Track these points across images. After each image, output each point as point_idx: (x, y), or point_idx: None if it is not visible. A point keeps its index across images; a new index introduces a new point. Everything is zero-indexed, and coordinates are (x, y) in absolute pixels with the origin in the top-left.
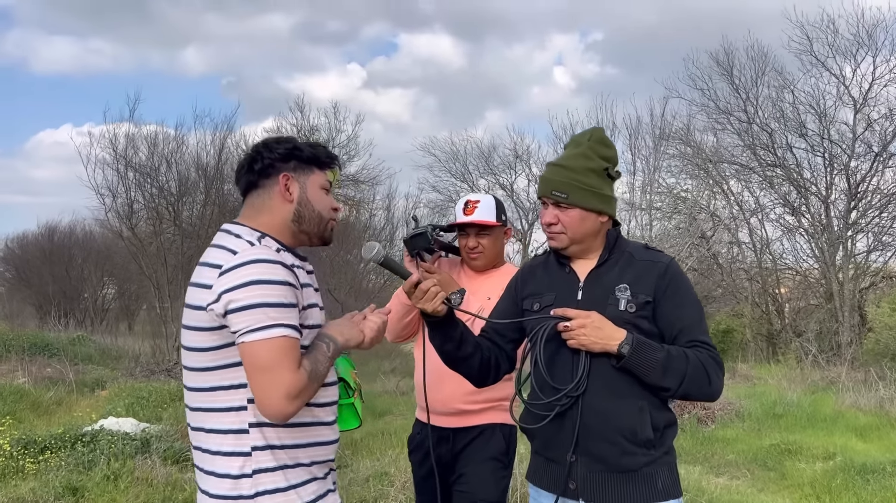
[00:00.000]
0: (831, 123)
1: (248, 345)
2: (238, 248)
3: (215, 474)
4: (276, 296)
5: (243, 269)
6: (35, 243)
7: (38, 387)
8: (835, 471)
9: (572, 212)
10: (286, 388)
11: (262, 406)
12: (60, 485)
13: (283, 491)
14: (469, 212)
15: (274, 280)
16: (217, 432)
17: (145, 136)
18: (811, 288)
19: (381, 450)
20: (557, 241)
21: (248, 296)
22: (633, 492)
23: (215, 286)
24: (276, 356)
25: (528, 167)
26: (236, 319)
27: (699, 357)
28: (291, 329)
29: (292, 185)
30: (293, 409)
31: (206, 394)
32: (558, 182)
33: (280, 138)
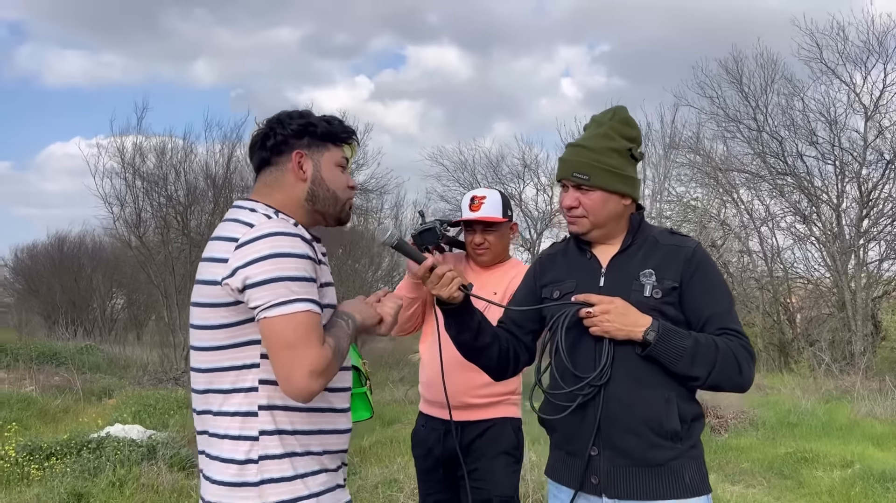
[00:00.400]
0: (842, 131)
1: (270, 321)
2: (255, 220)
3: (220, 458)
4: (298, 269)
5: (262, 242)
6: (45, 253)
7: (45, 396)
8: (853, 478)
9: (594, 194)
10: (311, 365)
11: (285, 384)
12: (65, 492)
13: (290, 480)
14: (475, 208)
15: (294, 253)
16: (224, 415)
17: (154, 146)
18: (823, 297)
19: (389, 457)
20: (578, 225)
21: (268, 270)
22: (660, 488)
23: (231, 260)
24: (300, 332)
25: (537, 176)
26: (256, 294)
27: (729, 345)
28: (314, 304)
29: (306, 162)
30: (318, 387)
31: (216, 375)
32: (579, 163)
33: (294, 112)
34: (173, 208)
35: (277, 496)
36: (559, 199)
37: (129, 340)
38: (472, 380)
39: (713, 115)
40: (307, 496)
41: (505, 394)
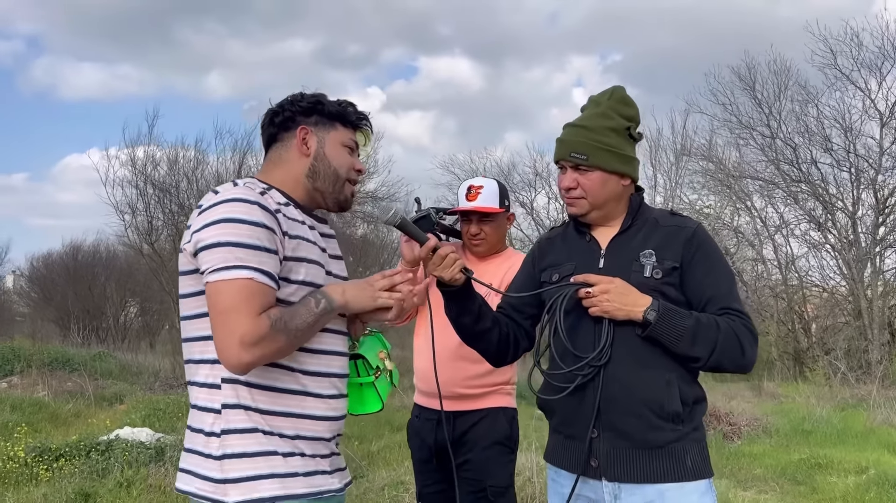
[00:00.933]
0: (857, 137)
1: (211, 286)
2: (221, 189)
3: (191, 428)
4: (247, 236)
5: (218, 208)
6: (59, 262)
7: (57, 400)
8: (868, 484)
9: (593, 174)
10: (241, 333)
11: (219, 352)
12: (73, 492)
13: (251, 456)
14: (472, 198)
15: (246, 220)
16: (195, 384)
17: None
18: (839, 305)
19: (397, 461)
20: (577, 206)
21: (215, 234)
22: (661, 470)
23: (192, 226)
24: (236, 298)
25: (548, 185)
26: (204, 258)
27: (731, 325)
28: (260, 273)
29: (310, 138)
30: (250, 358)
31: (187, 344)
32: (577, 143)
33: (307, 94)
34: (185, 216)
35: (238, 472)
36: (557, 180)
37: (141, 348)
38: (464, 371)
39: (726, 121)
40: (269, 475)
41: (498, 384)
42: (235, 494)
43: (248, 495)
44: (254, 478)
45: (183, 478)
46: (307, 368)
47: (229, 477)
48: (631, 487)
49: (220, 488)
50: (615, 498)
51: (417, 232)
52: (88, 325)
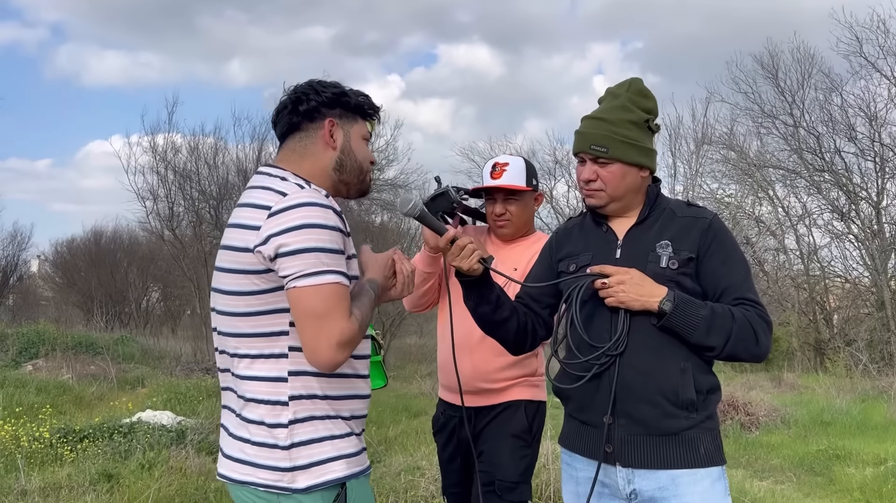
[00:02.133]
0: (882, 126)
1: (300, 291)
2: (287, 190)
3: (249, 420)
4: (329, 241)
5: (295, 212)
6: (82, 247)
7: (81, 383)
8: (886, 476)
9: (612, 167)
10: (339, 336)
11: (311, 354)
12: (96, 472)
13: (319, 441)
14: (497, 175)
15: (327, 225)
16: (252, 379)
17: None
18: (861, 296)
19: (414, 446)
20: (596, 198)
21: (300, 240)
22: (674, 457)
23: (263, 228)
24: (328, 303)
25: (569, 173)
26: (287, 263)
27: (746, 315)
28: (342, 276)
29: (337, 132)
30: (343, 358)
31: (244, 340)
32: (597, 135)
33: (326, 82)
34: (206, 202)
35: (308, 458)
36: (576, 172)
37: (163, 333)
38: (484, 365)
39: (748, 110)
40: (337, 457)
41: (522, 376)
42: (304, 480)
43: (318, 479)
44: (322, 463)
45: (237, 467)
46: (357, 352)
47: (298, 464)
48: (644, 473)
49: (289, 476)
50: (629, 483)
51: (436, 223)
52: (111, 310)
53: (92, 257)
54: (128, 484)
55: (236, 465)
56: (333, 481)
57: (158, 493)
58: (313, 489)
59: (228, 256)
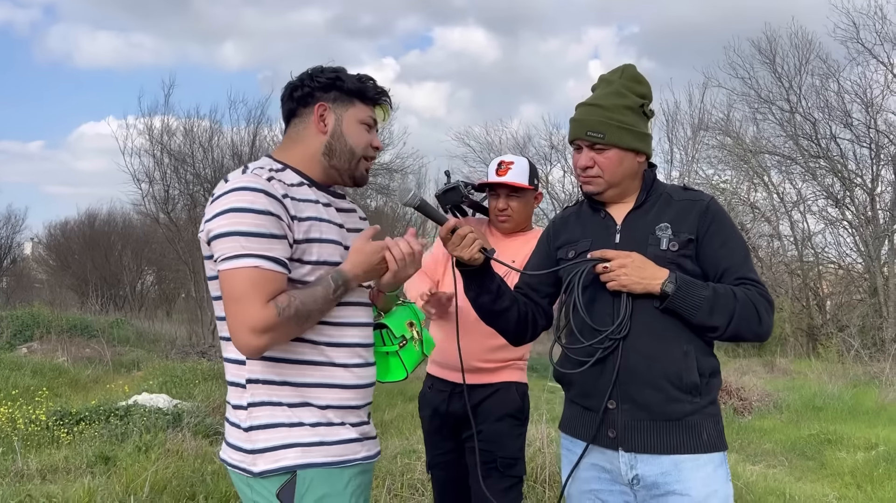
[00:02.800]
0: (878, 113)
1: (222, 274)
2: (231, 176)
3: (228, 402)
4: (252, 224)
5: (225, 198)
6: (76, 230)
7: (76, 366)
8: (877, 460)
9: (609, 153)
10: (251, 322)
11: (231, 337)
12: (93, 454)
13: (275, 427)
14: (502, 172)
15: (251, 209)
16: (227, 361)
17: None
18: (854, 282)
19: (410, 429)
20: (593, 185)
21: (223, 224)
22: (677, 442)
23: (205, 215)
24: (243, 287)
25: (564, 158)
26: (215, 247)
27: (748, 294)
28: (265, 260)
29: (328, 115)
30: (260, 344)
31: (220, 323)
32: (593, 122)
33: (327, 68)
34: (201, 185)
35: (264, 443)
36: (572, 160)
37: (158, 316)
38: (480, 344)
39: (744, 95)
40: (290, 444)
41: (512, 359)
42: (262, 464)
43: (272, 464)
44: (277, 448)
45: (224, 448)
46: (331, 340)
47: (257, 447)
48: (647, 458)
49: (250, 458)
50: (631, 468)
51: (436, 213)
52: (106, 293)
53: (86, 240)
54: (125, 466)
55: (224, 446)
56: (284, 468)
57: (155, 476)
58: (267, 474)
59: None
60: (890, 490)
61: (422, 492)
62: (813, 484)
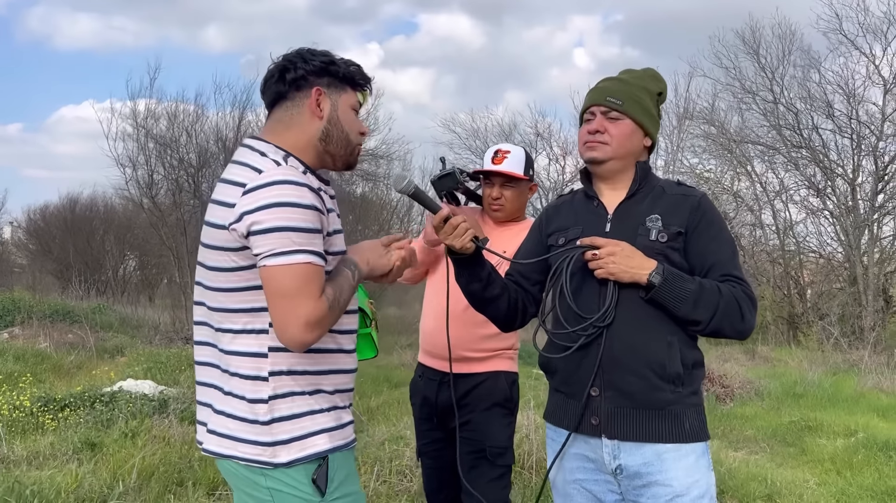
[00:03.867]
0: (860, 104)
1: (270, 270)
2: (263, 166)
3: (232, 394)
4: (302, 220)
5: (268, 190)
6: (57, 215)
7: (59, 352)
8: (856, 447)
9: (623, 123)
10: (306, 316)
11: (280, 333)
12: (79, 440)
13: (300, 417)
14: (498, 161)
15: (300, 203)
16: (235, 354)
17: (166, 108)
18: (834, 271)
19: (396, 416)
20: (599, 150)
21: (271, 219)
22: (660, 430)
23: (238, 205)
24: (298, 283)
25: (550, 146)
26: (259, 242)
27: (732, 291)
28: (315, 256)
29: (324, 101)
30: (312, 338)
31: (227, 315)
32: (614, 90)
33: (315, 50)
34: (185, 171)
35: (289, 433)
36: (580, 132)
37: (140, 301)
38: (470, 334)
39: (729, 85)
40: (318, 431)
41: (501, 348)
42: (285, 454)
43: (301, 453)
44: (304, 437)
45: (220, 441)
46: (342, 328)
47: (279, 439)
48: (630, 448)
49: (270, 450)
50: (614, 457)
51: (430, 201)
52: (89, 279)
53: (67, 224)
54: (111, 452)
55: (220, 440)
56: (315, 454)
57: (143, 462)
58: (295, 463)
59: (209, 232)
60: (869, 476)
61: (409, 478)
62: (794, 470)
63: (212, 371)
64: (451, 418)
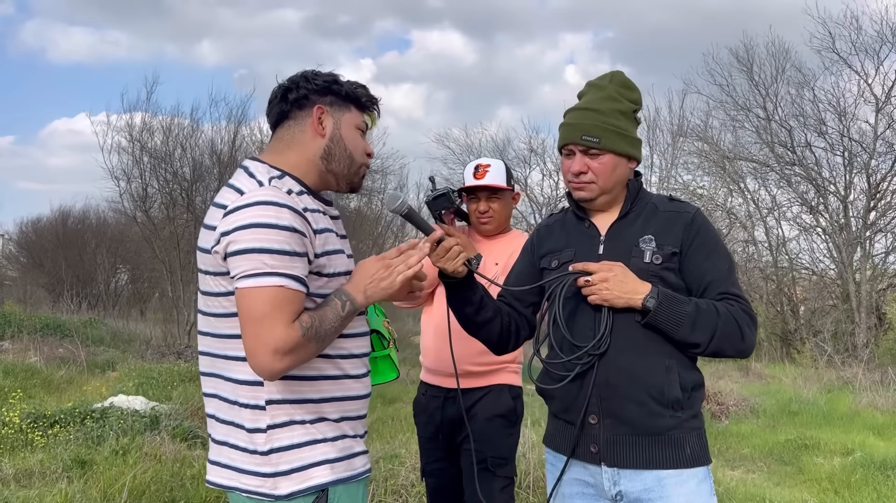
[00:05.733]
0: (852, 121)
1: (241, 292)
2: (246, 188)
3: (232, 423)
4: (277, 241)
5: (246, 211)
6: (49, 228)
7: (49, 366)
8: (854, 466)
9: (604, 158)
10: (275, 343)
11: (250, 359)
12: (69, 458)
13: (299, 447)
14: (480, 175)
15: (276, 224)
16: (233, 381)
17: (160, 122)
18: (827, 288)
19: (391, 433)
20: (587, 191)
21: (246, 240)
22: (660, 457)
23: (218, 227)
24: (267, 307)
25: (543, 162)
26: (234, 263)
27: (730, 310)
28: (291, 279)
29: (326, 119)
30: (282, 367)
31: (221, 341)
32: (588, 126)
33: (319, 72)
34: (179, 184)
35: (288, 464)
36: (562, 166)
37: (132, 315)
38: (470, 348)
39: (722, 103)
40: (319, 462)
41: (504, 362)
42: (286, 486)
43: (300, 485)
44: (304, 468)
45: (221, 472)
46: (344, 352)
47: (280, 470)
48: (630, 473)
49: (270, 481)
50: (614, 484)
51: (423, 222)
52: (81, 293)
53: (59, 238)
54: (102, 470)
55: (224, 471)
56: (315, 487)
57: (134, 481)
58: (296, 495)
59: (200, 257)
60: (867, 496)
61: (405, 498)
62: (791, 489)
63: (215, 402)
64: (456, 433)
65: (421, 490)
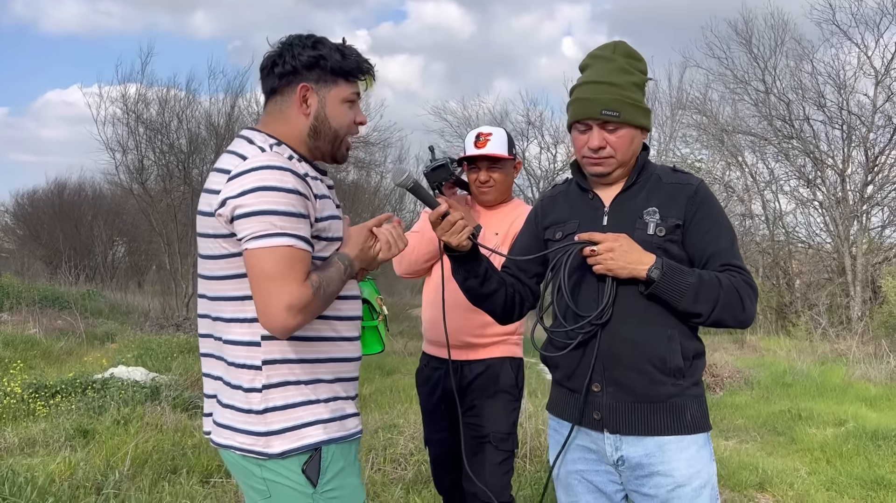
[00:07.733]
0: (851, 94)
1: (252, 252)
2: (248, 153)
3: (229, 384)
4: (284, 203)
5: (251, 175)
6: (45, 200)
7: (49, 338)
8: (846, 436)
9: (622, 131)
10: (290, 300)
11: (262, 317)
12: (71, 427)
13: (294, 407)
14: (481, 144)
15: (282, 187)
16: (230, 343)
17: (156, 93)
18: (823, 262)
19: (389, 404)
20: (605, 166)
21: (253, 202)
22: (661, 423)
23: (223, 192)
24: (280, 266)
25: (541, 135)
26: (242, 226)
27: (732, 281)
28: (298, 240)
29: (311, 97)
30: (296, 324)
31: (219, 303)
32: (608, 100)
33: (308, 39)
34: (175, 157)
35: (281, 423)
36: (576, 141)
37: (130, 287)
38: (472, 320)
39: (721, 76)
40: (313, 422)
41: (506, 334)
42: (279, 445)
43: (294, 443)
44: (297, 427)
45: (221, 432)
46: (339, 314)
47: (272, 429)
48: (631, 440)
49: (263, 440)
50: (616, 450)
51: (428, 196)
52: (79, 265)
53: (55, 210)
54: (104, 439)
55: (221, 430)
56: (308, 446)
57: (136, 450)
58: (288, 454)
59: (201, 220)
60: (858, 465)
61: (404, 467)
62: (784, 458)
63: (216, 363)
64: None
65: (420, 458)
